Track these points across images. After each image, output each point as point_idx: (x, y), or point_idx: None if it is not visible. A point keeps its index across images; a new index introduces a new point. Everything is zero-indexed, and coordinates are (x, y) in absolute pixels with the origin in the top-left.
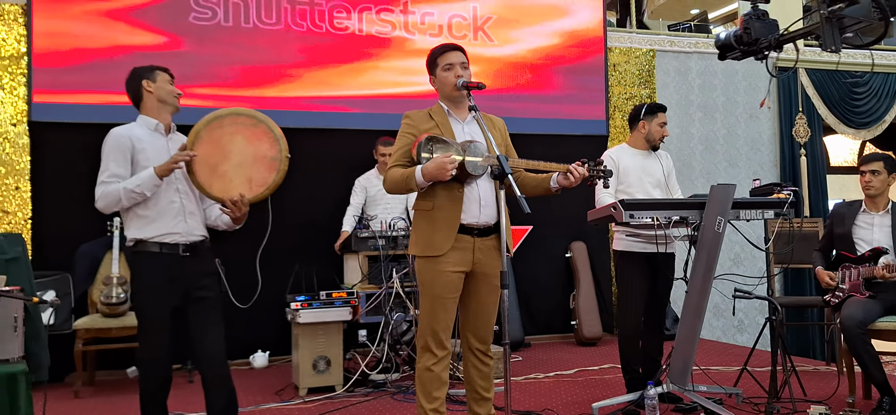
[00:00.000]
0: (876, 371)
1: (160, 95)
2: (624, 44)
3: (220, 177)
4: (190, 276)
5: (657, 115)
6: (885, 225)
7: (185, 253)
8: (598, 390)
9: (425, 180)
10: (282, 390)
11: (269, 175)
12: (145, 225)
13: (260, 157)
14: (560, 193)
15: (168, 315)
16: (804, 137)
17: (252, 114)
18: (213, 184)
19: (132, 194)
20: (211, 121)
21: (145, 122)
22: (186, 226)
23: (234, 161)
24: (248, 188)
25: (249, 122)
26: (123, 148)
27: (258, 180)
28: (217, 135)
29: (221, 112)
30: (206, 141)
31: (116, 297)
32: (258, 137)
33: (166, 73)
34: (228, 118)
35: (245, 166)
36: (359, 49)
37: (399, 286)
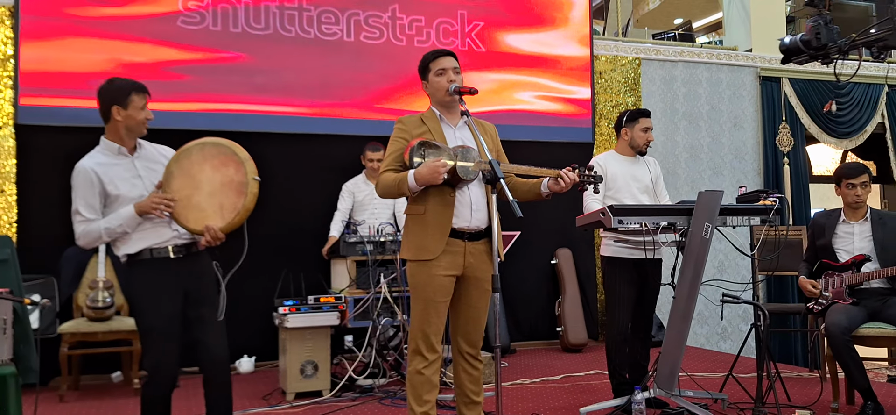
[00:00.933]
0: (859, 377)
1: (128, 124)
2: (610, 52)
3: (194, 208)
4: (187, 277)
5: (639, 120)
6: (866, 233)
7: (177, 254)
8: (584, 396)
9: (417, 185)
10: (269, 395)
11: (238, 200)
12: (132, 240)
13: (228, 182)
14: (550, 198)
15: (170, 321)
16: (787, 146)
17: (217, 142)
18: (189, 216)
19: (114, 232)
20: (180, 158)
21: (108, 146)
22: (173, 231)
23: (205, 190)
24: (220, 216)
25: (215, 150)
26: (91, 184)
27: (229, 206)
28: (186, 166)
29: (189, 145)
30: (177, 176)
31: (102, 301)
32: (224, 164)
33: (142, 96)
34: (196, 148)
35: (215, 194)
36: (347, 54)
37: (386, 291)
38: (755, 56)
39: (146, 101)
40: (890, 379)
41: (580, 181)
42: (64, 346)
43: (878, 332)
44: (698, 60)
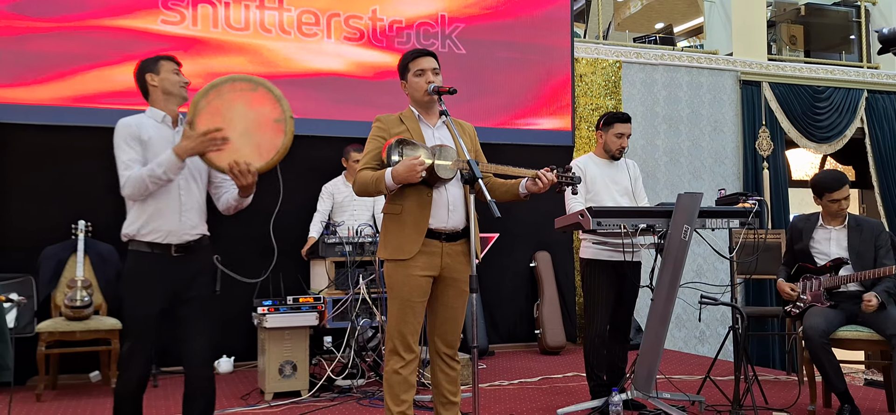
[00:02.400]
0: (837, 380)
1: (164, 87)
2: (590, 55)
3: (227, 149)
4: (181, 277)
5: (613, 126)
6: (843, 239)
7: (176, 254)
8: (562, 397)
9: (395, 183)
10: (247, 395)
11: (276, 138)
12: (139, 218)
13: (264, 121)
14: (528, 199)
15: (153, 316)
16: (767, 150)
17: (248, 78)
18: (222, 157)
19: (156, 179)
20: (208, 91)
21: (153, 114)
22: (180, 223)
23: (238, 129)
24: (257, 156)
25: (247, 86)
26: (132, 135)
27: (267, 146)
28: (216, 105)
29: (218, 81)
30: (206, 113)
31: (81, 300)
32: (259, 101)
33: (172, 63)
34: (226, 85)
35: (250, 133)
36: (327, 56)
37: (365, 292)
38: (736, 60)
39: (177, 67)
40: (867, 382)
41: (558, 182)
42: (41, 345)
43: (855, 335)
44: (679, 64)
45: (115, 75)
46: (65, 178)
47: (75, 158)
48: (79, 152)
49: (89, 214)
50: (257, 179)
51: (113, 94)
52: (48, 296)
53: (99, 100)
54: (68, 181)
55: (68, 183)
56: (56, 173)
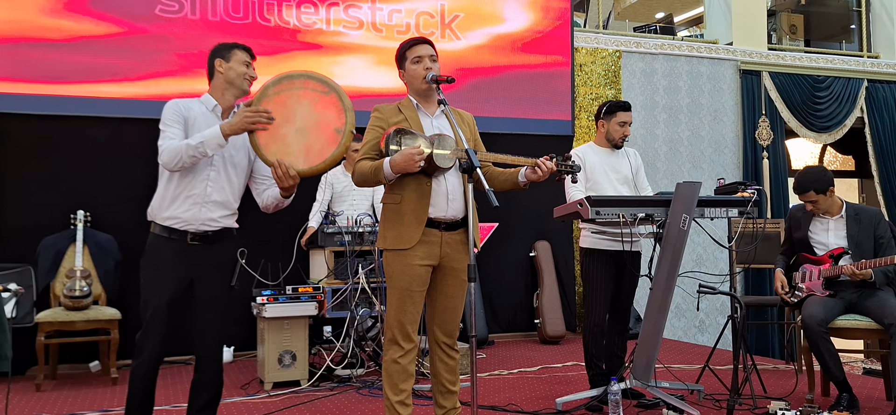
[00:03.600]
0: (835, 369)
1: (229, 77)
2: (590, 44)
3: (278, 139)
4: (198, 265)
5: (616, 114)
6: (841, 228)
7: (193, 242)
8: (561, 387)
9: (393, 172)
10: (247, 385)
11: (328, 147)
12: (163, 199)
13: (323, 125)
14: (528, 187)
15: (166, 300)
16: (767, 139)
17: (324, 79)
18: (270, 146)
19: (195, 151)
20: (281, 80)
21: (205, 100)
22: (200, 215)
23: (296, 125)
24: (303, 159)
25: (320, 87)
26: (178, 115)
27: (316, 150)
28: (285, 95)
29: (293, 72)
30: (272, 99)
31: (80, 290)
32: (325, 105)
33: (245, 54)
34: (300, 79)
35: (306, 132)
36: (326, 45)
37: (365, 282)
38: (736, 50)
39: (250, 60)
40: (865, 371)
41: (558, 170)
42: (41, 335)
43: (854, 324)
44: (679, 54)
45: (114, 67)
46: (64, 168)
47: (74, 148)
48: (78, 142)
49: (88, 203)
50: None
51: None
52: (47, 286)
53: (99, 89)
54: (67, 171)
55: (67, 173)
56: (55, 163)
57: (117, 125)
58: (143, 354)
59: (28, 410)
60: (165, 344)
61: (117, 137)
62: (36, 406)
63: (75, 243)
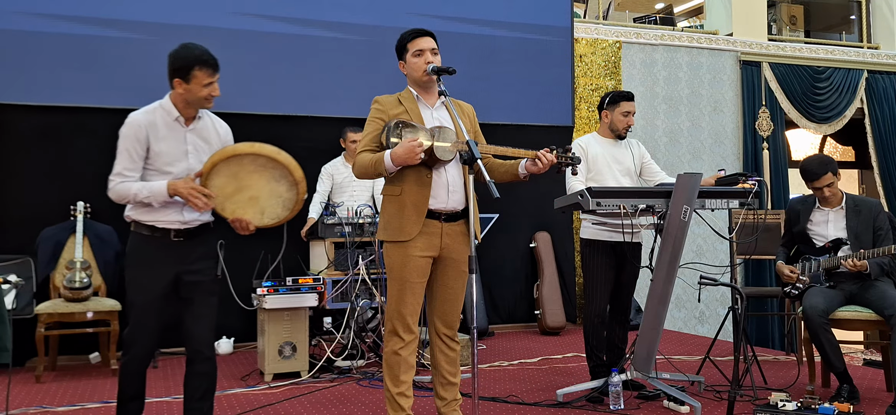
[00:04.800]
0: (835, 360)
1: (188, 99)
2: (590, 35)
3: (232, 202)
4: (182, 259)
5: (620, 104)
6: (840, 220)
7: (177, 238)
8: (562, 378)
9: (394, 165)
10: (247, 376)
11: (281, 212)
12: (142, 208)
13: (276, 194)
14: (528, 179)
15: (153, 297)
16: (767, 130)
17: (272, 155)
18: (226, 206)
19: (141, 201)
20: (229, 157)
21: (168, 109)
22: (181, 216)
23: (249, 194)
24: (259, 219)
25: (269, 163)
26: (139, 139)
27: (270, 214)
28: (235, 170)
29: (242, 149)
30: (223, 174)
31: (79, 281)
32: (276, 179)
33: (206, 73)
34: (249, 157)
35: (259, 200)
36: (324, 34)
37: (365, 273)
38: (736, 40)
39: (211, 76)
40: (866, 362)
41: (558, 163)
42: (40, 326)
43: (854, 315)
44: (679, 44)
45: (113, 63)
46: (63, 159)
47: (74, 139)
48: (78, 133)
49: (88, 195)
50: None
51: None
52: (47, 277)
53: (98, 80)
54: (67, 162)
55: (67, 164)
56: (55, 154)
57: (117, 116)
58: (130, 351)
59: (28, 401)
60: (155, 340)
61: (117, 128)
62: (36, 398)
63: (75, 235)
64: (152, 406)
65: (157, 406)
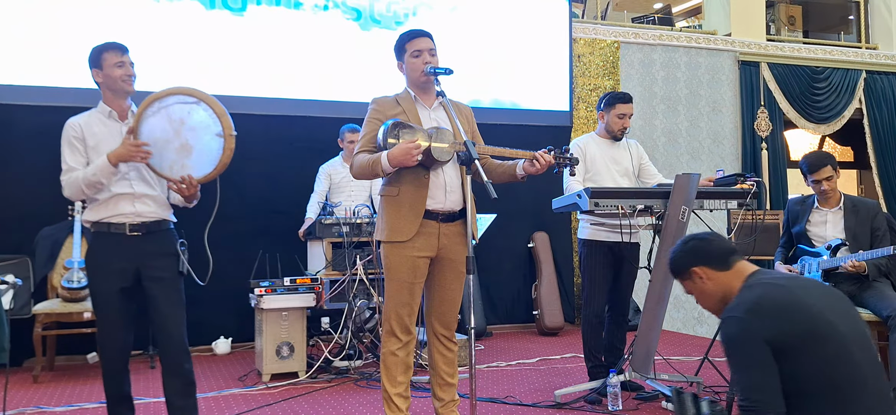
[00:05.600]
0: None
1: (108, 84)
2: (588, 35)
3: (167, 157)
4: (141, 256)
5: (615, 106)
6: (839, 221)
7: (133, 232)
8: (560, 378)
9: (391, 166)
10: (245, 376)
11: (216, 153)
12: (96, 207)
13: (205, 134)
14: (526, 180)
15: (115, 295)
16: (765, 131)
17: (191, 91)
18: (163, 164)
19: (91, 183)
20: (151, 102)
21: (101, 109)
22: (134, 209)
23: (180, 141)
24: (196, 169)
25: (191, 99)
26: (74, 138)
27: (207, 159)
28: (162, 115)
29: (162, 92)
30: (148, 122)
31: (78, 281)
32: (201, 116)
33: (115, 53)
34: (171, 97)
35: (190, 147)
36: (324, 33)
37: (363, 273)
38: (734, 40)
39: (121, 56)
40: None
41: (556, 163)
42: (38, 326)
43: None
44: (677, 44)
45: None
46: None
47: None
48: None
49: None
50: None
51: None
52: (45, 277)
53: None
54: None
55: None
56: (53, 154)
57: None
58: (103, 353)
59: (25, 401)
60: (125, 339)
61: None
62: (33, 398)
63: (73, 234)
64: (150, 406)
65: (154, 406)
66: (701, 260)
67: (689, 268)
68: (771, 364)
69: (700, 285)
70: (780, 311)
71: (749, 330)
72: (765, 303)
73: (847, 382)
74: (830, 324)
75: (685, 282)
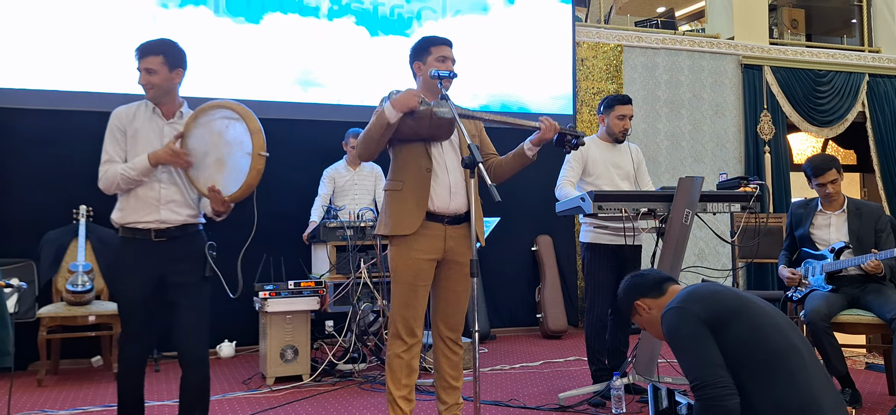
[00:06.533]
0: (838, 363)
1: (139, 83)
2: (592, 39)
3: (204, 170)
4: (164, 261)
5: (615, 107)
6: (842, 224)
7: (158, 238)
8: (564, 381)
9: (395, 111)
10: (249, 379)
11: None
12: (123, 208)
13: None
14: (536, 156)
15: (138, 298)
16: (769, 134)
17: (236, 107)
18: (199, 177)
19: (127, 179)
20: (201, 114)
21: (148, 103)
22: (159, 215)
23: (216, 155)
24: (228, 186)
25: (232, 115)
26: (116, 128)
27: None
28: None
29: (212, 104)
30: (195, 134)
31: (82, 285)
32: (239, 132)
33: (137, 58)
34: (219, 111)
35: (223, 162)
36: (328, 38)
37: (367, 276)
38: (737, 44)
39: (138, 62)
40: (868, 366)
41: (561, 133)
42: (43, 330)
43: (856, 319)
44: (680, 48)
45: (114, 59)
46: (66, 162)
47: (76, 142)
48: (79, 136)
49: (90, 198)
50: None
51: (114, 78)
52: (49, 281)
53: (101, 83)
54: (69, 166)
55: (69, 167)
56: (57, 158)
57: None
58: (122, 354)
59: (30, 405)
60: (145, 343)
61: None
62: (38, 402)
63: (77, 238)
64: (153, 410)
65: (158, 410)
66: (639, 293)
67: (632, 304)
68: (712, 342)
69: (646, 316)
70: (710, 295)
71: (685, 314)
72: (696, 292)
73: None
74: (756, 304)
75: (635, 318)
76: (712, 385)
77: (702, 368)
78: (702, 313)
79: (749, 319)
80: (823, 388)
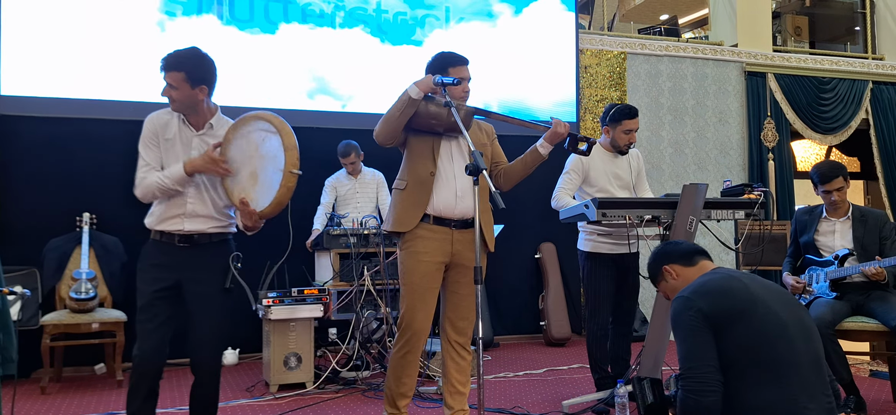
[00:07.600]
0: (842, 370)
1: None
2: (595, 46)
3: (239, 182)
4: (183, 267)
5: (621, 122)
6: (847, 231)
7: (181, 244)
8: (567, 389)
9: (419, 89)
10: (252, 387)
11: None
12: (152, 214)
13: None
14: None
15: (150, 298)
16: (772, 141)
17: (274, 119)
18: (234, 189)
19: (163, 188)
20: (242, 125)
21: None
22: (182, 225)
23: (250, 168)
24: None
25: (271, 128)
26: (154, 133)
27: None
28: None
29: (252, 116)
30: (233, 144)
31: (85, 292)
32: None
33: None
34: (259, 123)
35: (256, 176)
36: (332, 46)
37: (370, 284)
38: (741, 51)
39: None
40: (872, 373)
41: (573, 134)
42: (46, 337)
43: (861, 326)
44: (684, 55)
45: (119, 68)
46: (69, 169)
47: (80, 150)
48: (83, 144)
49: (94, 205)
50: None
51: (120, 86)
52: (53, 288)
53: (104, 91)
54: (73, 173)
55: (73, 175)
56: (61, 165)
57: (123, 127)
58: (134, 359)
59: (33, 412)
60: (157, 343)
61: (123, 139)
62: (41, 409)
63: (81, 245)
64: None
65: None
66: (670, 259)
67: (660, 268)
68: (709, 339)
69: (671, 283)
70: (721, 291)
71: (690, 305)
72: (709, 285)
73: (783, 360)
74: (768, 307)
75: (660, 283)
76: (696, 378)
77: (691, 360)
78: (707, 309)
79: (757, 322)
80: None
